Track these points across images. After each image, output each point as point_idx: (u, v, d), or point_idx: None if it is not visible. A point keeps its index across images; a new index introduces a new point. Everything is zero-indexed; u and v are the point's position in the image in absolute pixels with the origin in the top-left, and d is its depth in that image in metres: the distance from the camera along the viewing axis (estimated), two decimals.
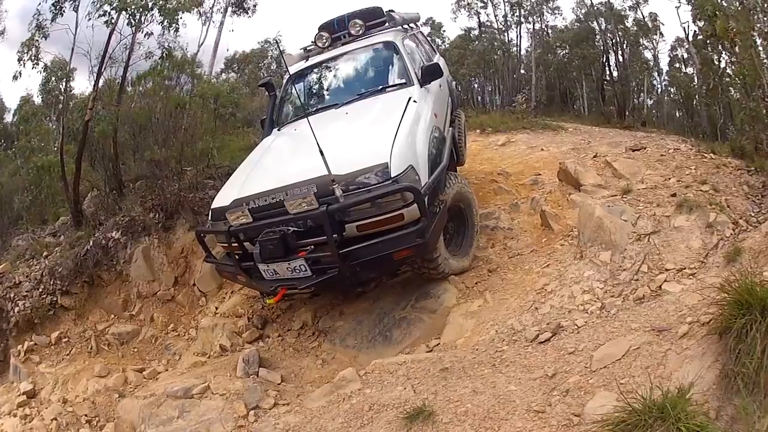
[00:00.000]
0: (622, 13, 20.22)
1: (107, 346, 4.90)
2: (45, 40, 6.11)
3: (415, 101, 4.13)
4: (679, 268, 3.25)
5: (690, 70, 19.42)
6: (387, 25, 5.28)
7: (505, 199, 5.42)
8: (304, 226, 3.54)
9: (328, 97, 4.99)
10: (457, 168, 5.25)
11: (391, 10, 5.54)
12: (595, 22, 20.69)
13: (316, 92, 5.17)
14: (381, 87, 4.60)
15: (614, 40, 20.14)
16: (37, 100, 14.23)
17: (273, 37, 22.47)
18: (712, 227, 3.53)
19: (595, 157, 5.54)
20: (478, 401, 2.60)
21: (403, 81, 4.54)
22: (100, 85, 6.24)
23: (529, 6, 23.26)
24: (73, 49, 5.97)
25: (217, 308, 5.04)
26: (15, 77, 6.16)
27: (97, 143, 6.33)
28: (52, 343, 4.86)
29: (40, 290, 5.12)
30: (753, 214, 3.74)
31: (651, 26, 20.75)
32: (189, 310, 5.22)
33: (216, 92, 7.93)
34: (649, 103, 23.07)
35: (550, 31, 24.43)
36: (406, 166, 3.43)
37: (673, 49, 22.23)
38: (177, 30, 6.32)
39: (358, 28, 5.15)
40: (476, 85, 26.81)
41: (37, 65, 6.15)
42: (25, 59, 6.01)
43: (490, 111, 16.66)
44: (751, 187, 4.05)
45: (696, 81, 17.01)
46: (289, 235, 3.51)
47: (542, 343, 3.00)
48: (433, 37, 24.17)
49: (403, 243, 3.38)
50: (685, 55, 20.06)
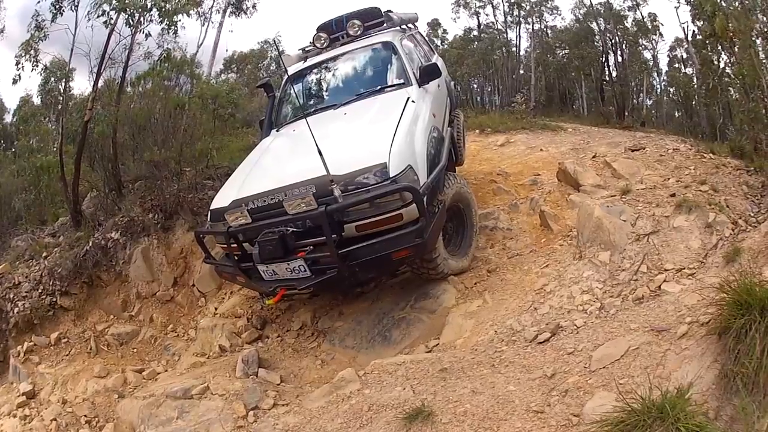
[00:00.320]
0: (621, 14, 20.24)
1: (106, 347, 4.90)
2: (44, 41, 6.08)
3: (413, 101, 4.13)
4: (678, 269, 3.25)
5: (689, 71, 19.41)
6: (385, 25, 5.28)
7: (505, 199, 5.42)
8: (303, 227, 3.54)
9: (326, 98, 4.99)
10: (456, 168, 5.25)
11: (389, 11, 5.55)
12: (595, 23, 20.70)
13: (314, 93, 5.17)
14: (379, 87, 4.60)
15: (613, 41, 20.13)
16: (36, 101, 14.25)
17: (272, 38, 22.49)
18: (711, 227, 3.53)
19: (594, 157, 5.54)
20: (478, 401, 2.60)
21: (402, 81, 4.54)
22: (100, 85, 6.23)
23: (528, 6, 23.29)
24: (73, 50, 5.95)
25: (216, 309, 5.04)
26: (14, 81, 6.13)
27: (97, 144, 6.32)
28: (52, 344, 4.86)
29: (40, 291, 5.12)
30: (752, 214, 3.73)
31: (650, 26, 20.76)
32: (188, 311, 5.22)
33: (215, 93, 7.92)
34: (649, 103, 23.12)
35: (550, 32, 24.46)
36: (404, 166, 3.43)
37: (673, 49, 22.28)
38: (176, 32, 6.32)
39: (357, 29, 5.15)
40: (475, 86, 26.83)
41: (37, 66, 6.13)
42: (23, 62, 5.98)
43: (490, 111, 16.65)
44: (751, 187, 4.05)
45: (695, 81, 16.99)
46: (288, 236, 3.51)
47: (541, 343, 3.00)
48: (433, 38, 24.25)
49: (402, 243, 3.38)
50: (685, 56, 20.07)
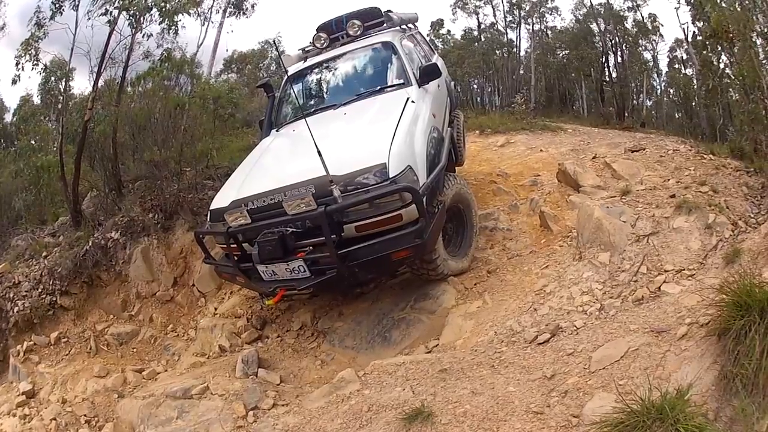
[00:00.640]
0: (621, 14, 20.24)
1: (106, 347, 4.90)
2: (44, 40, 6.09)
3: (413, 101, 4.13)
4: (678, 270, 3.25)
5: (689, 71, 19.43)
6: (385, 25, 5.28)
7: (505, 200, 5.42)
8: (302, 227, 3.54)
9: (326, 98, 4.98)
10: (456, 168, 5.25)
11: (389, 11, 5.55)
12: (595, 23, 20.70)
13: (314, 93, 5.16)
14: (379, 87, 4.59)
15: (613, 41, 20.14)
16: (36, 100, 14.24)
17: (272, 38, 22.47)
18: (711, 228, 3.53)
19: (594, 158, 5.54)
20: (477, 402, 2.60)
21: (402, 81, 4.53)
22: (100, 85, 6.24)
23: (528, 6, 23.29)
24: (73, 49, 5.96)
25: (216, 309, 5.04)
26: (14, 81, 6.14)
27: (97, 143, 6.32)
28: (52, 343, 4.86)
29: (40, 290, 5.12)
30: (752, 215, 3.73)
31: (650, 27, 20.76)
32: (188, 311, 5.22)
33: (216, 93, 7.92)
34: (649, 104, 23.10)
35: (550, 32, 24.46)
36: (404, 166, 3.42)
37: (673, 50, 22.27)
38: (177, 32, 6.32)
39: (356, 29, 5.14)
40: (476, 86, 26.81)
41: (37, 65, 6.13)
42: (23, 61, 5.98)
43: (490, 112, 16.66)
44: (751, 188, 4.04)
45: (695, 82, 17.02)
46: (288, 236, 3.51)
47: (541, 344, 2.99)
48: (435, 38, 24.27)
49: (401, 243, 3.37)
50: (685, 56, 20.07)
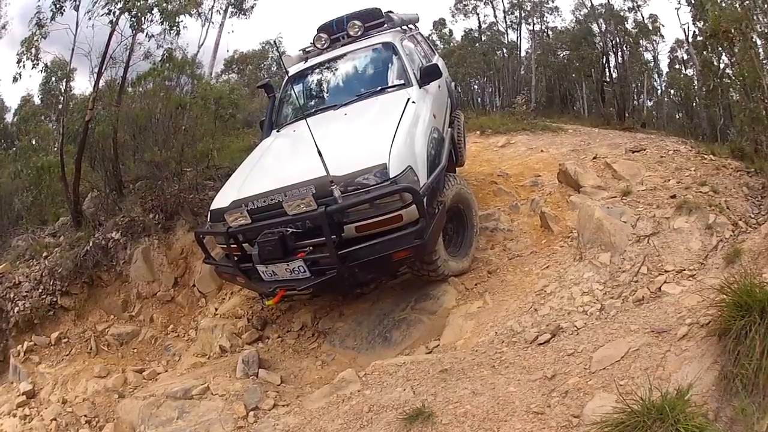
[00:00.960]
0: (621, 14, 20.24)
1: (107, 347, 4.90)
2: (45, 40, 6.08)
3: (413, 102, 4.13)
4: (678, 270, 3.25)
5: (690, 72, 19.45)
6: (386, 26, 5.28)
7: (505, 200, 5.42)
8: (302, 227, 3.54)
9: (326, 99, 4.99)
10: (457, 169, 5.25)
11: (390, 11, 5.55)
12: (595, 24, 20.70)
13: (315, 93, 5.17)
14: (380, 88, 4.60)
15: (614, 42, 20.13)
16: (37, 101, 14.27)
17: (273, 39, 22.50)
18: (711, 229, 3.53)
19: (594, 158, 5.54)
20: (478, 402, 2.60)
21: (402, 82, 4.54)
22: (101, 85, 6.23)
23: (529, 6, 23.29)
24: (74, 49, 5.96)
25: (216, 309, 5.04)
26: (15, 79, 6.13)
27: (97, 144, 6.32)
28: (52, 344, 4.86)
29: (40, 291, 5.12)
30: (752, 216, 3.73)
31: (651, 28, 20.76)
32: (189, 311, 5.22)
33: (217, 93, 7.92)
34: (649, 104, 23.09)
35: (550, 33, 24.46)
36: (404, 166, 3.42)
37: (673, 50, 22.30)
38: (178, 32, 6.32)
39: (357, 29, 5.15)
40: (476, 86, 26.83)
41: (37, 65, 6.12)
42: (25, 60, 5.98)
43: (490, 112, 16.67)
44: (751, 188, 4.04)
45: (696, 82, 17.03)
46: (288, 236, 3.51)
47: (541, 344, 2.99)
48: (436, 38, 24.28)
49: (401, 244, 3.36)
50: (685, 57, 20.10)
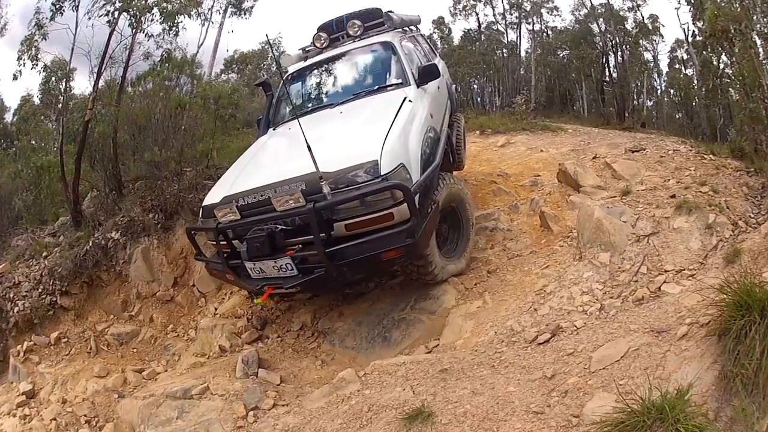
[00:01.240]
0: (621, 14, 20.24)
1: (106, 347, 4.90)
2: (45, 41, 6.10)
3: (410, 101, 4.09)
4: (678, 270, 3.26)
5: (690, 72, 19.46)
6: (386, 26, 5.27)
7: (505, 200, 5.42)
8: (292, 225, 3.47)
9: (324, 97, 4.97)
10: (456, 172, 5.23)
11: (390, 11, 5.54)
12: (595, 24, 20.70)
13: (312, 92, 5.15)
14: (377, 87, 4.58)
15: (614, 42, 20.13)
16: (36, 100, 14.27)
17: (268, 35, 22.48)
18: (711, 228, 3.54)
19: (594, 158, 5.55)
20: (477, 402, 2.60)
21: (400, 81, 4.51)
22: (100, 85, 6.24)
23: (528, 6, 23.29)
24: (73, 49, 5.96)
25: (216, 309, 5.04)
26: (15, 77, 6.15)
27: (97, 143, 6.31)
28: (52, 344, 4.86)
29: (40, 290, 5.12)
30: (752, 216, 3.74)
31: (651, 27, 20.76)
32: (188, 311, 5.22)
33: (218, 93, 7.90)
34: (649, 104, 23.09)
35: (550, 32, 24.47)
36: (396, 164, 3.35)
37: (673, 50, 22.29)
38: (177, 33, 6.33)
39: (357, 29, 5.14)
40: (476, 86, 26.84)
41: (37, 65, 6.14)
42: (25, 59, 6.00)
43: (490, 112, 16.67)
44: (751, 188, 4.05)
45: (696, 82, 17.05)
46: (277, 233, 3.44)
47: (541, 344, 3.00)
48: (436, 36, 24.29)
49: (391, 243, 3.27)
50: (685, 57, 20.10)
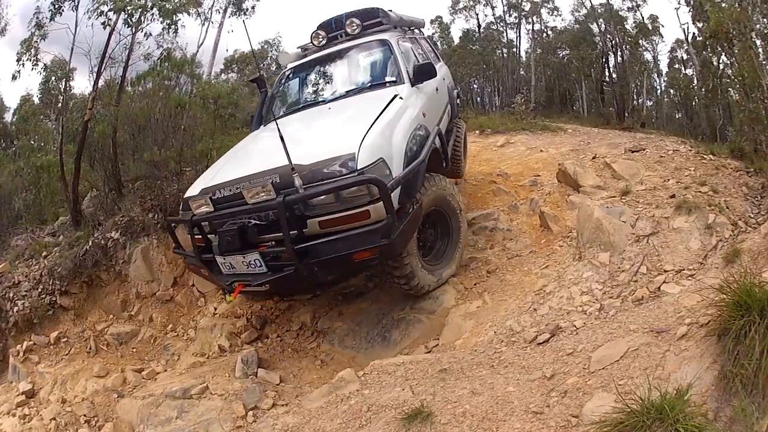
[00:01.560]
0: (621, 14, 20.25)
1: (106, 347, 4.90)
2: (45, 41, 6.11)
3: (401, 98, 4.04)
4: (678, 270, 3.25)
5: (689, 72, 19.49)
6: (385, 25, 5.27)
7: (504, 200, 5.42)
8: (266, 219, 3.32)
9: (317, 94, 4.95)
10: (456, 180, 5.17)
11: (390, 11, 5.54)
12: (595, 24, 20.71)
13: (306, 89, 5.14)
14: (370, 84, 4.57)
15: (614, 42, 20.14)
16: (36, 100, 14.27)
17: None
18: (711, 228, 3.54)
19: (594, 158, 5.55)
20: (477, 402, 2.60)
21: (393, 79, 4.47)
22: (100, 85, 6.25)
23: (528, 6, 23.31)
24: (73, 49, 5.98)
25: (215, 309, 5.04)
26: (14, 77, 6.17)
27: (97, 143, 6.32)
28: (51, 343, 4.86)
29: (39, 290, 5.12)
30: (752, 216, 3.74)
31: (651, 28, 20.77)
32: (188, 311, 5.22)
33: (217, 93, 7.90)
34: (649, 104, 23.13)
35: (550, 33, 24.49)
36: (375, 158, 3.19)
37: (673, 50, 22.38)
38: (176, 32, 6.34)
39: (355, 27, 5.14)
40: (476, 86, 26.86)
41: (37, 65, 6.15)
42: (25, 59, 6.01)
43: (490, 112, 16.67)
44: (751, 188, 4.05)
45: (695, 82, 17.06)
46: (249, 228, 3.31)
47: (541, 344, 2.99)
48: (438, 35, 24.30)
49: (365, 242, 3.09)
50: (685, 57, 20.15)
